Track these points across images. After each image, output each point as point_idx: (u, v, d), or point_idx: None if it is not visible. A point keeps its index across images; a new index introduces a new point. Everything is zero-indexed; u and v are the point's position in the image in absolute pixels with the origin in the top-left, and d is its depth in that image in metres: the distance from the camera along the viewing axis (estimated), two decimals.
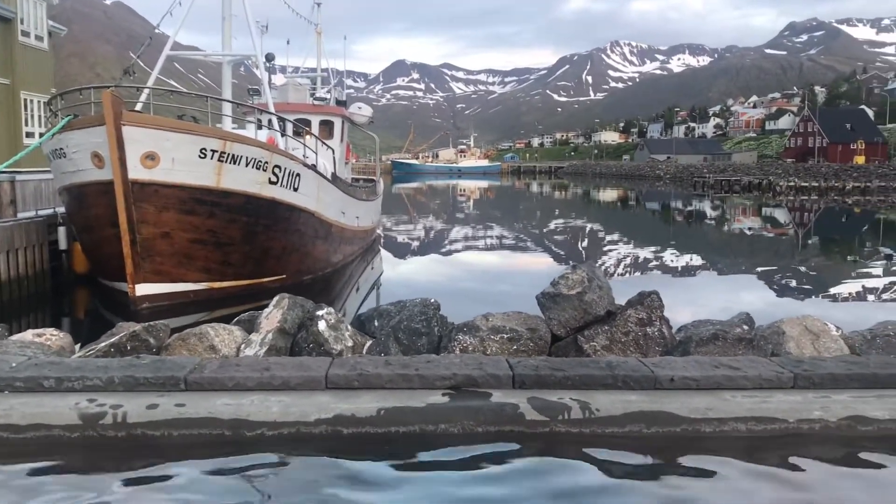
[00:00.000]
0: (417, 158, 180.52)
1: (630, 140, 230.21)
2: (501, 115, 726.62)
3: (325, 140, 23.63)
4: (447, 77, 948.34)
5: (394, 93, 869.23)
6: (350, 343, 6.59)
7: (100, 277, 17.08)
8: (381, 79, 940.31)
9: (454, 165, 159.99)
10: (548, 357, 6.24)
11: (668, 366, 5.58)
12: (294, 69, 39.56)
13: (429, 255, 28.14)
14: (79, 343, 7.06)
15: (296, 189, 17.60)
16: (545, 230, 39.01)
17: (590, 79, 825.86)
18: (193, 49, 40.78)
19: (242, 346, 6.47)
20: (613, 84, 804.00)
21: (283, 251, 17.81)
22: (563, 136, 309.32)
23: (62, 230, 18.17)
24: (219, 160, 15.50)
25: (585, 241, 34.14)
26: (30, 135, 30.51)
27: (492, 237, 34.95)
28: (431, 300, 7.03)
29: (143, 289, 15.08)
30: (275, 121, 20.82)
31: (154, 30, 25.04)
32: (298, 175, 17.66)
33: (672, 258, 26.62)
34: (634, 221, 49.10)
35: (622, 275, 23.00)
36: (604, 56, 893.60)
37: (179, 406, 5.00)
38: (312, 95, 29.96)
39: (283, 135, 20.17)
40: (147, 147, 14.63)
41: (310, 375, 5.37)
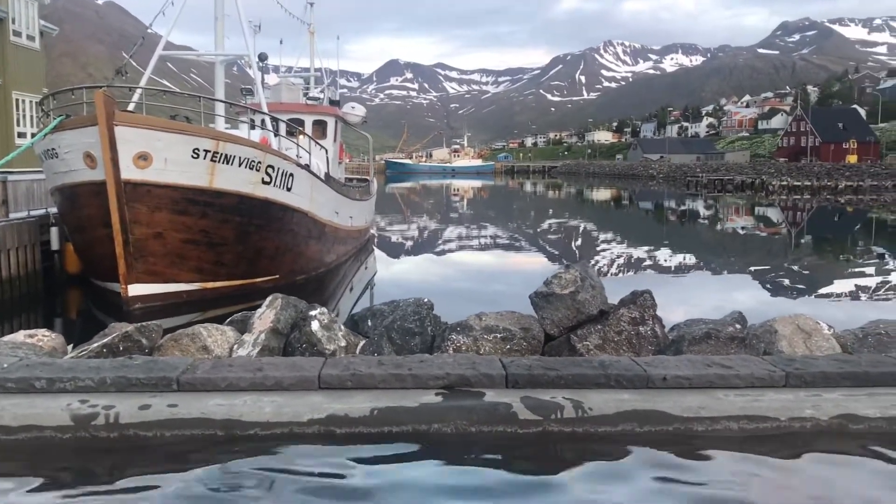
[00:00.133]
0: (411, 158, 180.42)
1: (623, 140, 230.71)
2: (495, 115, 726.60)
3: (319, 140, 23.64)
4: (441, 77, 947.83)
5: (387, 92, 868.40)
6: (343, 343, 6.59)
7: (92, 278, 17.04)
8: (375, 78, 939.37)
9: (448, 165, 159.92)
10: (541, 356, 6.25)
11: (661, 365, 5.59)
12: (287, 69, 39.55)
13: (422, 255, 28.15)
14: (71, 344, 7.03)
15: (289, 189, 17.58)
16: (539, 230, 39.05)
17: (583, 78, 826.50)
18: (186, 49, 40.65)
19: (235, 347, 6.46)
20: (607, 84, 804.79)
21: (277, 251, 17.79)
22: (557, 136, 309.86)
23: (54, 230, 18.12)
24: (212, 160, 15.48)
25: (579, 241, 34.19)
26: (21, 135, 30.40)
27: (485, 237, 34.97)
28: (425, 300, 7.04)
29: (136, 289, 15.05)
30: (268, 121, 20.80)
31: (146, 29, 25.04)
32: (292, 175, 17.64)
33: (665, 257, 26.67)
34: (628, 221, 49.18)
35: (615, 274, 23.05)
36: (597, 56, 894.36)
37: (172, 406, 4.99)
38: (306, 95, 29.95)
39: (277, 135, 20.14)
40: (139, 147, 14.60)
41: (303, 375, 5.36)
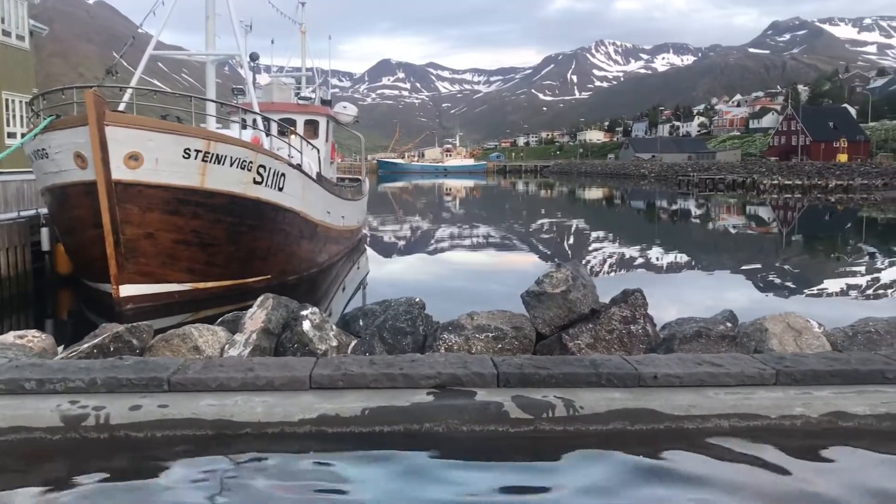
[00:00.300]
0: (403, 158, 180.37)
1: (615, 139, 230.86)
2: (487, 115, 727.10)
3: (310, 140, 23.60)
4: (432, 76, 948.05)
5: (379, 92, 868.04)
6: (335, 343, 6.58)
7: (83, 278, 16.97)
8: (367, 78, 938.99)
9: (440, 165, 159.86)
10: (532, 355, 6.25)
11: (652, 363, 5.60)
12: (279, 69, 39.52)
13: (415, 255, 28.15)
14: (62, 345, 7.01)
15: (281, 189, 17.55)
16: (531, 229, 39.08)
17: (575, 78, 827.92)
18: (177, 49, 40.57)
19: (226, 347, 6.45)
20: (598, 83, 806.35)
21: (268, 251, 17.75)
22: (549, 136, 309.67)
23: (45, 231, 18.04)
24: (203, 160, 15.43)
25: (571, 240, 34.24)
26: (11, 135, 30.22)
27: (477, 236, 34.98)
28: (416, 299, 7.04)
29: (127, 290, 15.00)
30: (259, 120, 20.74)
31: (137, 29, 24.89)
32: (283, 175, 17.60)
33: (656, 257, 26.74)
34: (619, 220, 49.27)
35: (607, 273, 23.10)
36: (588, 55, 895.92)
37: (163, 407, 4.97)
38: (297, 95, 29.89)
39: (268, 134, 20.10)
40: (130, 147, 14.54)
41: (294, 375, 5.35)
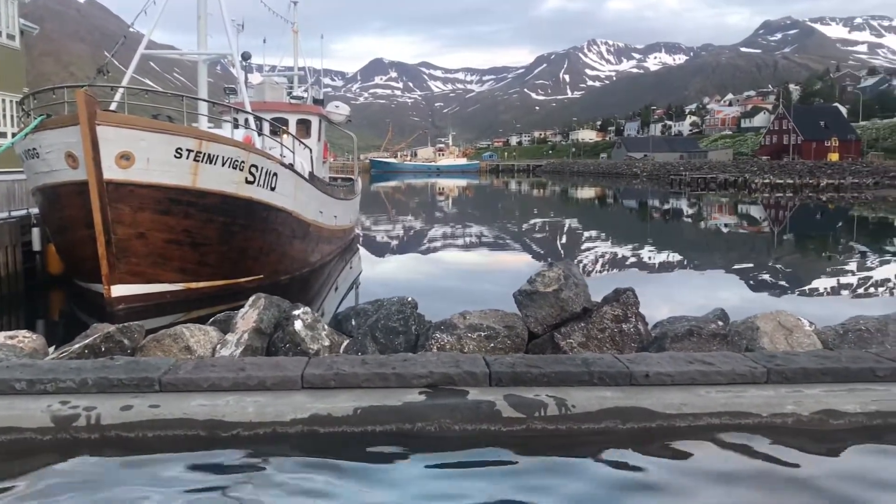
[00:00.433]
0: (396, 157, 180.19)
1: (607, 138, 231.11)
2: (479, 114, 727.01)
3: (303, 139, 23.55)
4: (425, 76, 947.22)
5: (371, 91, 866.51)
6: (327, 342, 6.57)
7: (75, 279, 16.90)
8: (359, 77, 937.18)
9: (432, 164, 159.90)
10: (524, 354, 6.26)
11: (644, 362, 5.62)
12: (271, 68, 39.39)
13: (407, 254, 28.12)
14: (53, 345, 6.98)
15: (273, 188, 17.51)
16: (523, 228, 39.10)
17: (567, 77, 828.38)
18: (169, 48, 40.48)
19: (218, 347, 6.43)
20: (591, 83, 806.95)
21: (261, 251, 17.71)
22: (541, 135, 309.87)
23: (36, 231, 17.95)
24: (195, 160, 15.39)
25: (563, 239, 34.28)
26: (2, 135, 30.09)
27: (470, 235, 34.97)
28: (409, 299, 7.04)
29: (119, 290, 14.94)
30: (251, 120, 20.69)
31: (128, 28, 24.81)
32: (275, 174, 17.57)
33: (648, 255, 26.80)
34: (612, 219, 49.36)
35: (599, 272, 23.14)
36: (581, 55, 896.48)
37: (154, 407, 4.96)
38: (289, 94, 29.84)
39: (260, 134, 20.06)
40: (122, 147, 14.49)
41: (286, 375, 5.35)
